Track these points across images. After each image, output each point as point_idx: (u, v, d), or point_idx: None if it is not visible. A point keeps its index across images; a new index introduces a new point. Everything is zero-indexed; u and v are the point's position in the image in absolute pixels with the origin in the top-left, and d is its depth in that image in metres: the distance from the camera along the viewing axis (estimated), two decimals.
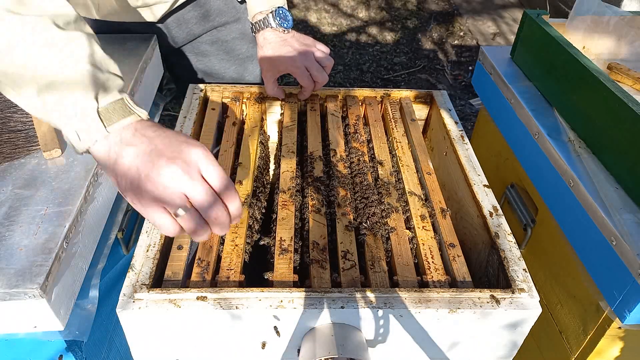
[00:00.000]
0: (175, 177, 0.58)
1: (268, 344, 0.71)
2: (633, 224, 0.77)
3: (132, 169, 0.59)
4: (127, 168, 0.59)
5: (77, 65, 0.60)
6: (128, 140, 0.60)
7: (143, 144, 0.60)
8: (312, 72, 1.04)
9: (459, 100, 2.90)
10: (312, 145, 1.00)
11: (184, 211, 0.58)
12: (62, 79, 0.59)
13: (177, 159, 0.59)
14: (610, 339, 0.82)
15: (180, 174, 0.58)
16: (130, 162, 0.59)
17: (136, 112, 0.62)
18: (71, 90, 0.59)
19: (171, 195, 0.58)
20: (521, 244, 1.05)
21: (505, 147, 1.14)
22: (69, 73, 0.59)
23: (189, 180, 0.58)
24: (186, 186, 0.58)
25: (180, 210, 0.58)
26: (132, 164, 0.59)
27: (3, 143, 0.85)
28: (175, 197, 0.58)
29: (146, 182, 0.58)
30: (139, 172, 0.59)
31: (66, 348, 0.78)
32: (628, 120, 0.82)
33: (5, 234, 0.71)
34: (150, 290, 0.68)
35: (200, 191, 0.59)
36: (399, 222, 0.84)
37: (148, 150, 0.59)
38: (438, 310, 0.68)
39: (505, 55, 1.22)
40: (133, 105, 0.62)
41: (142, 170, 0.58)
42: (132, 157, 0.59)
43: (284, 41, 1.05)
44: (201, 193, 0.59)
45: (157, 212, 0.59)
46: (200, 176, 0.60)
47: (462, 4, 3.97)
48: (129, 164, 0.59)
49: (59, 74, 0.59)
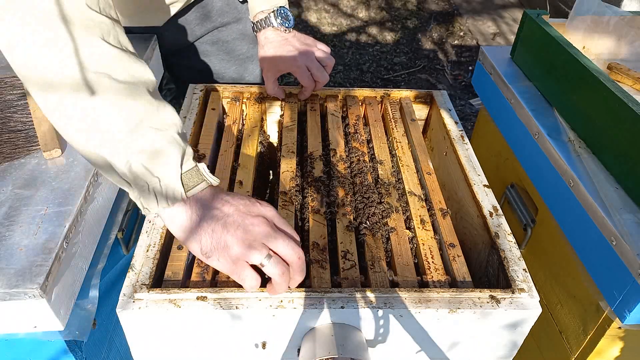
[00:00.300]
0: (262, 231, 0.64)
1: (268, 344, 0.71)
2: (633, 224, 0.77)
3: (218, 228, 0.63)
4: (211, 228, 0.63)
5: (168, 132, 0.62)
6: (208, 203, 0.65)
7: (224, 206, 0.65)
8: (313, 72, 1.04)
9: (459, 100, 2.90)
10: (312, 145, 1.00)
11: (269, 259, 0.64)
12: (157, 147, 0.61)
13: (259, 216, 0.65)
14: (610, 339, 0.83)
15: (266, 227, 0.65)
16: (216, 221, 0.63)
17: (209, 179, 0.65)
18: (166, 158, 0.62)
19: (259, 246, 0.63)
20: (521, 244, 1.05)
21: (505, 147, 1.14)
22: (163, 140, 0.61)
23: (273, 232, 0.65)
24: (272, 237, 0.65)
25: (265, 259, 0.63)
26: (217, 224, 0.63)
27: (3, 143, 0.85)
28: (263, 248, 0.64)
29: (234, 238, 0.63)
30: (227, 229, 0.63)
31: (66, 348, 0.78)
32: (628, 120, 0.82)
33: (5, 234, 0.71)
34: (150, 290, 0.68)
35: (283, 240, 0.65)
36: (399, 222, 0.84)
37: (231, 211, 0.64)
38: (438, 310, 0.68)
39: (505, 55, 1.22)
40: (207, 173, 0.66)
41: (230, 227, 0.63)
42: (216, 217, 0.64)
43: (285, 40, 1.05)
44: (284, 241, 0.65)
45: (245, 268, 0.64)
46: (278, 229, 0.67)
47: (462, 4, 3.97)
48: (214, 224, 0.63)
49: (156, 141, 0.61)
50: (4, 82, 0.99)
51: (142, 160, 0.60)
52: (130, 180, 0.61)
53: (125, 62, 0.60)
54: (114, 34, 0.60)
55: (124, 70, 0.59)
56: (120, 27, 0.62)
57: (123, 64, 0.60)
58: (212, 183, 0.65)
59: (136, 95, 0.60)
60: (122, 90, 0.59)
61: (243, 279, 0.64)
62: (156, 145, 0.61)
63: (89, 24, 0.57)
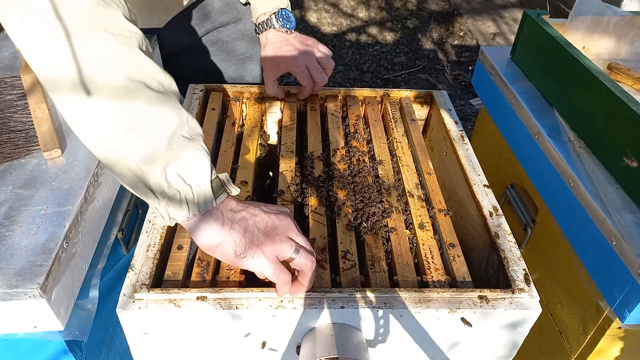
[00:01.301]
0: (289, 225, 0.68)
1: (268, 344, 0.71)
2: (633, 224, 0.77)
3: (249, 227, 0.65)
4: (242, 228, 0.65)
5: (199, 141, 0.63)
6: (233, 208, 0.66)
7: (249, 208, 0.67)
8: (312, 72, 1.04)
9: (459, 100, 2.90)
10: (312, 145, 1.00)
11: (298, 252, 0.66)
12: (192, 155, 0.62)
13: (281, 213, 0.69)
14: (610, 339, 0.83)
15: (290, 221, 0.68)
16: (246, 222, 0.65)
17: (230, 188, 0.67)
18: (200, 166, 0.63)
19: (288, 240, 0.66)
20: (521, 244, 1.05)
21: (505, 147, 1.14)
22: (194, 149, 0.62)
23: (297, 230, 0.69)
24: (295, 232, 0.68)
25: (294, 253, 0.66)
26: (247, 223, 0.65)
27: (3, 143, 0.85)
28: (292, 241, 0.67)
29: (266, 235, 0.65)
30: (257, 228, 0.66)
31: (66, 348, 0.78)
32: (628, 120, 0.82)
33: (5, 234, 0.71)
34: (150, 290, 0.68)
35: (303, 237, 0.69)
36: (399, 222, 0.84)
37: (257, 211, 0.67)
38: (438, 310, 0.68)
39: (505, 55, 1.22)
40: (229, 182, 0.67)
41: (260, 225, 0.66)
42: (245, 218, 0.66)
43: (286, 41, 1.06)
44: (304, 239, 0.69)
45: (277, 265, 0.65)
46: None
47: (462, 4, 3.97)
48: (245, 224, 0.65)
49: (190, 149, 0.62)
50: (4, 82, 0.99)
51: (176, 169, 0.61)
52: (160, 191, 0.61)
53: (156, 72, 0.61)
54: (146, 44, 0.62)
55: (156, 80, 0.60)
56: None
57: (156, 74, 0.60)
58: (231, 192, 0.67)
59: (169, 104, 0.61)
60: (156, 99, 0.59)
61: (277, 275, 0.65)
62: (190, 153, 0.62)
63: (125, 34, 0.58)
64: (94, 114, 0.57)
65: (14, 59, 1.08)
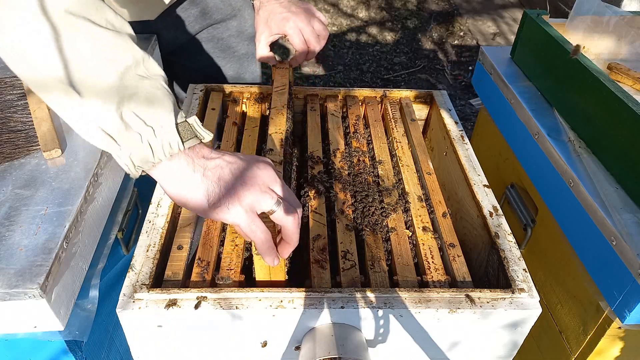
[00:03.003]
0: (270, 175, 0.63)
1: (268, 344, 0.71)
2: (633, 224, 0.77)
3: (225, 174, 0.60)
4: (217, 176, 0.60)
5: (157, 80, 0.59)
6: (207, 154, 0.61)
7: (225, 155, 0.62)
8: (306, 36, 0.99)
9: (459, 100, 2.90)
10: (312, 145, 1.00)
11: (279, 205, 0.61)
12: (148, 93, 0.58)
13: (262, 162, 0.63)
14: (610, 339, 0.82)
15: (272, 171, 0.63)
16: (221, 169, 0.60)
17: (202, 132, 0.62)
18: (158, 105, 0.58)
19: (269, 191, 0.61)
20: (521, 244, 1.05)
21: (505, 147, 1.14)
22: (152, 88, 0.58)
23: (279, 181, 0.63)
24: (277, 182, 0.63)
25: (275, 205, 0.61)
26: (222, 171, 0.60)
27: (3, 143, 0.85)
28: (272, 194, 0.62)
29: (244, 184, 0.60)
30: (234, 176, 0.61)
31: (66, 348, 0.78)
32: (628, 120, 0.82)
33: (5, 234, 0.71)
34: (150, 290, 0.68)
35: (286, 188, 0.64)
36: (399, 222, 0.84)
37: (234, 159, 0.62)
38: (438, 310, 0.68)
39: (505, 55, 1.22)
40: (200, 126, 0.62)
41: (237, 173, 0.61)
42: (220, 166, 0.61)
43: (280, 4, 1.01)
44: (287, 188, 0.64)
45: (254, 219, 0.61)
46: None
47: (462, 4, 3.97)
48: (220, 171, 0.60)
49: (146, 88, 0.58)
50: (4, 82, 0.99)
51: (133, 108, 0.56)
52: (118, 135, 0.56)
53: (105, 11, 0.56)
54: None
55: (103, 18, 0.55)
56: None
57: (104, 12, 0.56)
58: (204, 138, 0.61)
59: (119, 41, 0.56)
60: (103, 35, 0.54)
61: (254, 231, 0.61)
62: (147, 91, 0.57)
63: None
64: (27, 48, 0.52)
65: None
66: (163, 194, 0.84)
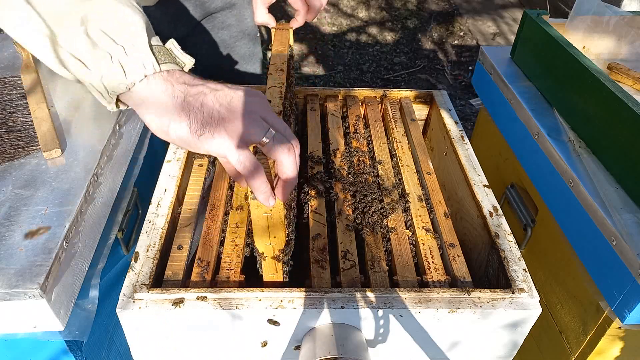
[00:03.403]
0: (260, 102, 0.57)
1: (268, 344, 0.71)
2: (633, 224, 0.77)
3: (209, 100, 0.55)
4: (200, 101, 0.55)
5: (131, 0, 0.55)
6: (189, 80, 0.56)
7: (210, 84, 0.57)
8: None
9: (459, 100, 2.90)
10: (312, 145, 1.00)
11: (272, 135, 0.55)
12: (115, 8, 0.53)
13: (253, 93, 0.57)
14: (610, 339, 0.82)
15: (262, 99, 0.57)
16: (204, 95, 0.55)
17: (182, 58, 0.57)
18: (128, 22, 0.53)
19: (259, 120, 0.56)
20: (521, 244, 1.05)
21: (505, 147, 1.14)
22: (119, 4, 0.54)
23: (271, 110, 0.57)
24: (269, 112, 0.57)
25: (268, 135, 0.55)
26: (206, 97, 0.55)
27: (3, 143, 0.85)
28: (263, 124, 0.56)
29: (230, 110, 0.55)
30: (219, 101, 0.55)
31: (66, 348, 0.78)
32: (628, 120, 0.82)
33: (5, 234, 0.71)
34: (150, 290, 0.68)
35: (279, 119, 0.58)
36: (399, 222, 0.84)
37: (219, 86, 0.56)
38: (438, 310, 0.68)
39: (505, 55, 1.22)
40: (179, 51, 0.57)
41: (223, 99, 0.55)
42: (203, 92, 0.55)
43: None
44: (279, 119, 0.57)
45: (244, 150, 0.55)
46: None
47: (462, 4, 3.97)
48: (203, 97, 0.55)
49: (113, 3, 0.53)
50: (4, 82, 0.99)
51: (100, 25, 0.52)
52: (87, 56, 0.52)
53: None
54: None
55: None
56: None
57: None
58: (185, 64, 0.57)
59: None
60: None
61: (243, 162, 0.55)
62: (115, 7, 0.52)
63: None
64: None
65: (14, 59, 1.08)
66: (163, 193, 0.84)
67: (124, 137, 0.96)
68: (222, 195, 0.87)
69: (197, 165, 0.92)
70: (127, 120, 0.97)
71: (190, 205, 0.84)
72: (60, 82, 1.01)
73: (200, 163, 0.93)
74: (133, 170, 1.01)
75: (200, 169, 0.92)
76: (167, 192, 0.85)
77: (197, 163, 0.93)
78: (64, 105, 0.95)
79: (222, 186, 0.89)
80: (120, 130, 0.94)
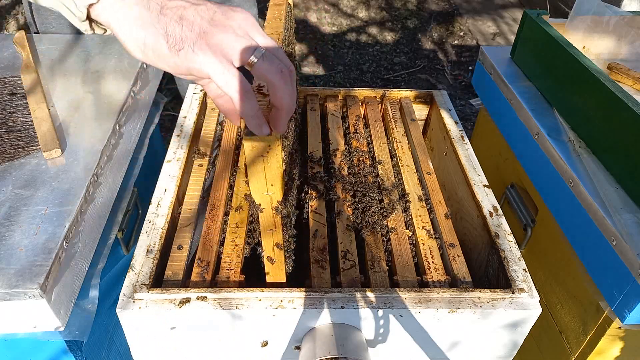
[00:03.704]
0: (250, 21, 0.52)
1: (268, 344, 0.71)
2: (633, 224, 0.77)
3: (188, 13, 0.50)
4: (179, 15, 0.50)
5: None
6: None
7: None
8: None
9: (459, 100, 2.90)
10: (312, 145, 1.00)
11: (261, 52, 0.50)
12: None
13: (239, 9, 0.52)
14: (610, 339, 0.82)
15: (252, 20, 0.52)
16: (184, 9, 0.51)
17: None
18: None
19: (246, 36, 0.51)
20: (521, 244, 1.05)
21: (505, 147, 1.14)
22: None
23: (258, 26, 0.52)
24: (258, 30, 0.52)
25: (257, 54, 0.50)
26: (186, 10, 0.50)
27: (3, 143, 0.85)
28: (251, 41, 0.51)
29: (213, 23, 0.50)
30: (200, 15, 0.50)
31: (66, 348, 0.78)
32: (628, 120, 0.82)
33: (5, 234, 0.71)
34: (150, 290, 0.68)
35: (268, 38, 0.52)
36: (399, 222, 0.84)
37: (200, 2, 0.52)
38: (438, 310, 0.68)
39: (505, 55, 1.22)
40: None
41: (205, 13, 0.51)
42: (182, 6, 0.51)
43: None
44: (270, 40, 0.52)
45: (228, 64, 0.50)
46: None
47: (462, 4, 3.97)
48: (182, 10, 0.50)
49: None
50: (4, 82, 0.99)
51: None
52: None
53: None
54: None
55: None
56: None
57: None
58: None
59: None
60: None
61: (229, 82, 0.50)
62: None
63: None
64: None
65: (14, 59, 1.08)
66: (163, 193, 0.84)
67: (124, 137, 0.96)
68: (222, 196, 0.87)
69: (197, 166, 0.92)
70: (127, 120, 0.98)
71: (190, 205, 0.84)
72: (60, 82, 1.01)
73: (200, 163, 0.93)
74: (133, 170, 1.02)
75: (200, 169, 0.92)
76: (167, 192, 0.85)
77: (197, 163, 0.93)
78: (64, 105, 0.95)
79: (222, 186, 0.89)
80: (120, 130, 0.94)
